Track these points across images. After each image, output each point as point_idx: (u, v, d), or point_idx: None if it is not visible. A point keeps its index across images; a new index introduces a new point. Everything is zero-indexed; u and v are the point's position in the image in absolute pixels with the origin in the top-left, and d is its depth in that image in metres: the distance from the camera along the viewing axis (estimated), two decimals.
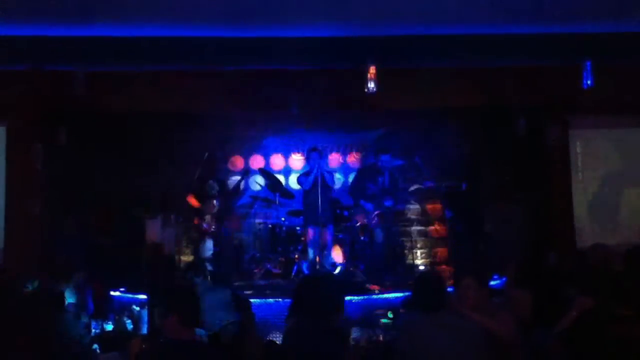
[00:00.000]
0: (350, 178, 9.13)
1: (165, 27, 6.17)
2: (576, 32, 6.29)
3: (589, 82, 6.25)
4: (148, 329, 5.48)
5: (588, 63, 6.22)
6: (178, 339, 3.12)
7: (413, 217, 9.19)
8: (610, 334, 3.91)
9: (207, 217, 7.44)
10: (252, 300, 5.52)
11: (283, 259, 7.95)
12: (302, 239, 7.78)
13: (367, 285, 6.86)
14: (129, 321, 5.76)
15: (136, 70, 7.67)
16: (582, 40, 6.30)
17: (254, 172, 7.94)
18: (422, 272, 8.36)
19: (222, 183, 7.79)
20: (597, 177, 9.05)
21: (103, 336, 5.33)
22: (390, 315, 5.62)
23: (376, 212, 7.43)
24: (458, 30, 6.38)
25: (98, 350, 4.69)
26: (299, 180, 7.51)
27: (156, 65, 7.38)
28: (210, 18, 5.98)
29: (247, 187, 8.94)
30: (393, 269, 8.07)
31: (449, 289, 4.60)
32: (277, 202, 8.16)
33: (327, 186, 7.27)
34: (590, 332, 3.95)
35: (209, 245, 7.50)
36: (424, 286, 3.78)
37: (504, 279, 7.12)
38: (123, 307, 6.50)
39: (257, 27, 6.21)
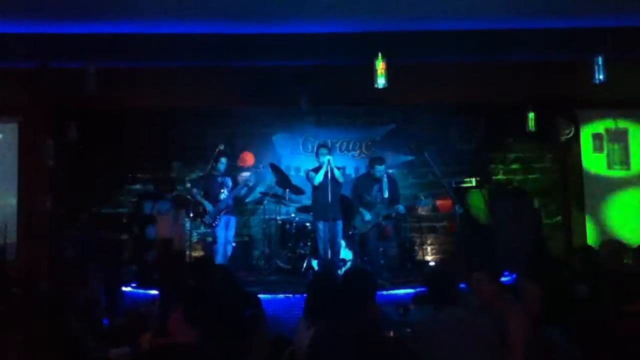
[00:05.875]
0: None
1: (175, 24, 6.19)
2: (587, 27, 6.25)
3: (600, 77, 6.19)
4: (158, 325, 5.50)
5: (599, 58, 6.17)
6: (174, 343, 3.09)
7: (423, 213, 9.16)
8: (621, 330, 3.89)
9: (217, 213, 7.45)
10: (261, 296, 5.52)
11: (293, 255, 7.97)
12: (312, 234, 7.78)
13: (377, 281, 6.84)
14: None
15: (146, 66, 7.71)
16: (592, 35, 6.25)
17: (263, 168, 7.95)
18: (433, 266, 8.35)
19: (232, 179, 7.80)
20: (608, 172, 9.01)
21: (114, 331, 5.35)
22: (400, 311, 5.60)
23: (372, 222, 7.40)
24: (467, 25, 6.35)
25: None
26: (308, 176, 7.50)
27: (166, 62, 7.41)
28: (219, 14, 5.99)
29: (256, 182, 8.96)
30: (403, 264, 8.06)
31: (461, 285, 4.61)
32: (286, 198, 8.17)
33: (337, 182, 7.25)
34: (600, 328, 3.93)
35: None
36: (436, 280, 3.75)
37: (514, 275, 7.10)
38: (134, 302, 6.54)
39: (267, 23, 6.22)
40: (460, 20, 6.25)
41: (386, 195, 7.40)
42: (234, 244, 7.89)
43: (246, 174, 8.22)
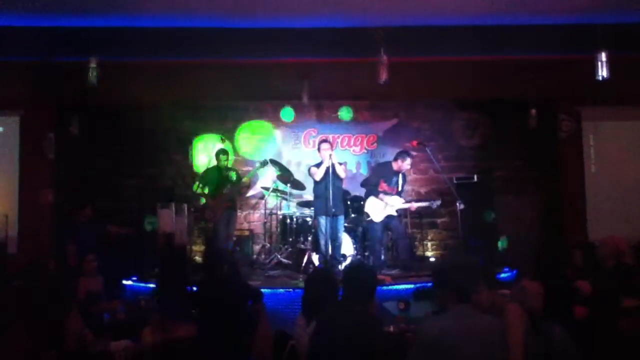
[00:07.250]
0: (362, 169, 9.15)
1: (176, 18, 6.17)
2: (589, 24, 6.22)
3: (602, 74, 6.18)
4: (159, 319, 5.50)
5: (602, 55, 6.15)
6: (175, 337, 3.09)
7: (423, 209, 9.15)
8: (620, 327, 3.90)
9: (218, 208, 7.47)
10: (262, 290, 5.53)
11: (294, 250, 7.98)
12: (313, 229, 7.79)
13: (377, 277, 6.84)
14: None
15: (148, 60, 7.69)
16: (595, 31, 6.23)
17: (265, 163, 7.97)
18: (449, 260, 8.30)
19: (234, 173, 7.80)
20: (610, 169, 9.00)
21: (115, 324, 5.37)
22: (400, 306, 5.60)
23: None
24: (469, 21, 6.33)
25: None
26: (309, 171, 7.51)
27: (167, 56, 7.40)
28: (221, 9, 5.97)
29: (258, 177, 8.96)
30: (403, 260, 8.05)
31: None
32: (288, 192, 8.18)
33: (338, 177, 7.26)
34: (600, 325, 3.94)
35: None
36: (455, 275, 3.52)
37: (514, 271, 7.11)
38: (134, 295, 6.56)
39: (268, 18, 6.20)
40: (462, 17, 6.23)
41: (400, 189, 7.45)
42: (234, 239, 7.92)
43: (248, 168, 8.22)
